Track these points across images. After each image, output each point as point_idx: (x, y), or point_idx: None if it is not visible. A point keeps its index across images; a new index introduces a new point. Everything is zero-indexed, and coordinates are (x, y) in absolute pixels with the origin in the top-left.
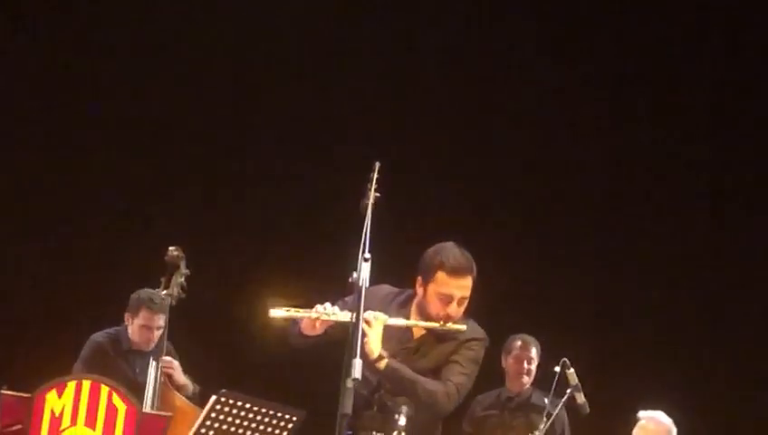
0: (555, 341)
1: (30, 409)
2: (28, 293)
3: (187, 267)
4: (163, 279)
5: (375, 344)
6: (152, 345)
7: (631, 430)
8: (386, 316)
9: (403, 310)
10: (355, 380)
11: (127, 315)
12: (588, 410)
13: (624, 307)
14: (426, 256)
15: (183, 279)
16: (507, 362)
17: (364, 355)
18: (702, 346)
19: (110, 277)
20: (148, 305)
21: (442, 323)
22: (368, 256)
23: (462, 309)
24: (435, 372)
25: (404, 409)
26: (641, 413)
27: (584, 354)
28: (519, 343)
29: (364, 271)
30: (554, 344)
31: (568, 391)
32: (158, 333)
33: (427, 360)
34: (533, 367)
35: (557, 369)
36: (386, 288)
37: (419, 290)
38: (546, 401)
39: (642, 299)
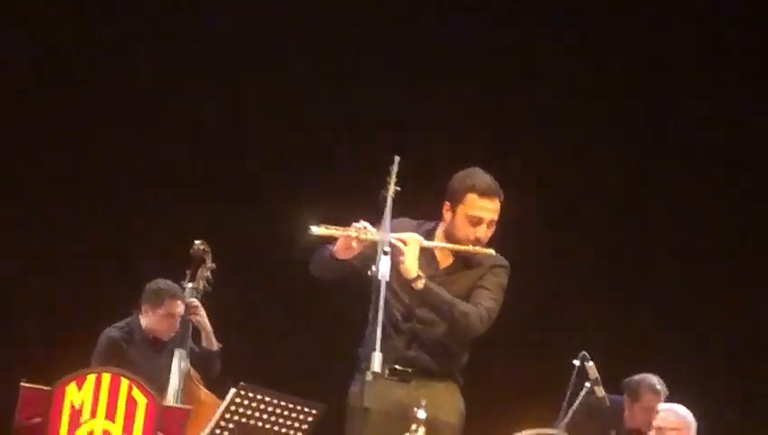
0: (573, 333)
1: (49, 402)
2: (47, 285)
3: (213, 261)
4: (188, 272)
5: (412, 264)
6: (172, 333)
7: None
8: (420, 237)
9: (428, 239)
10: (375, 373)
11: (145, 306)
12: (608, 403)
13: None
14: (454, 180)
15: (209, 273)
16: (634, 407)
17: (400, 276)
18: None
19: (134, 270)
20: (172, 294)
21: (472, 246)
22: (387, 249)
23: (490, 233)
24: (463, 300)
25: (423, 402)
26: (660, 406)
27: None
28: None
29: (384, 265)
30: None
31: (587, 384)
32: (177, 323)
33: (455, 287)
34: None
35: (576, 362)
36: (406, 220)
37: (447, 215)
38: None
39: (661, 292)
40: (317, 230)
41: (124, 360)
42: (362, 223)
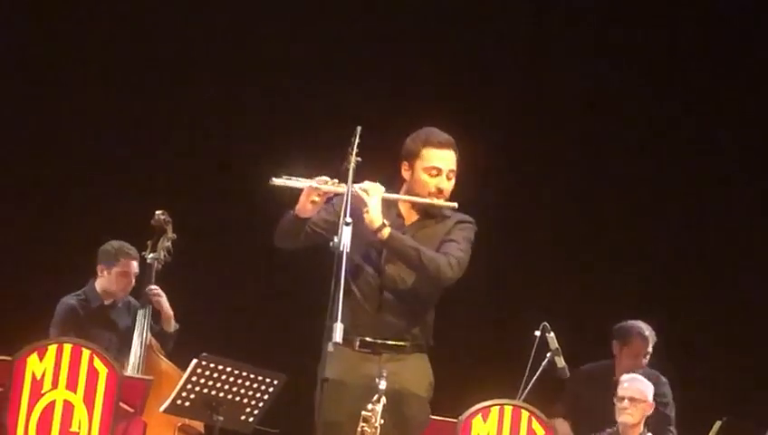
0: (535, 305)
1: (11, 372)
2: (5, 255)
3: (174, 231)
4: (150, 242)
5: (376, 213)
6: (128, 293)
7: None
8: (382, 187)
9: (392, 203)
10: (336, 344)
11: (100, 266)
12: (568, 373)
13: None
14: (408, 139)
15: (170, 243)
16: (622, 352)
17: (365, 227)
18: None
19: (93, 240)
20: (127, 252)
21: (434, 199)
22: (349, 220)
23: (451, 184)
24: None
25: (384, 373)
26: (624, 377)
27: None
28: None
29: (345, 236)
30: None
31: (548, 354)
32: (133, 281)
33: (421, 242)
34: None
35: (537, 333)
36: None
37: (407, 174)
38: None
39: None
40: (278, 181)
41: (81, 328)
42: (325, 177)
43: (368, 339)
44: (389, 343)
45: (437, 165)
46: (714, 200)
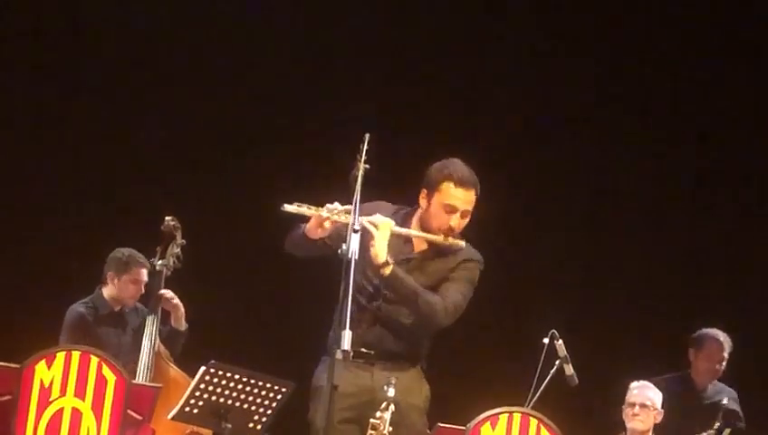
0: (543, 312)
1: (19, 380)
2: (16, 262)
3: (183, 237)
4: (159, 249)
5: (381, 249)
6: (136, 300)
7: (621, 400)
8: (392, 222)
9: (404, 225)
10: (344, 351)
11: (110, 274)
12: (576, 381)
13: (612, 277)
14: (432, 168)
15: (179, 249)
16: (698, 358)
17: (369, 259)
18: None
19: (105, 248)
20: (137, 260)
21: (444, 236)
22: (357, 227)
23: (464, 223)
24: (432, 289)
25: (393, 380)
26: (634, 384)
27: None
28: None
29: (354, 243)
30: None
31: (556, 362)
32: (142, 289)
33: (425, 275)
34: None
35: (546, 341)
36: (383, 204)
37: (423, 202)
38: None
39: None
40: (290, 208)
41: (90, 335)
42: (336, 204)
43: (362, 350)
44: (384, 354)
45: (455, 204)
46: (723, 210)
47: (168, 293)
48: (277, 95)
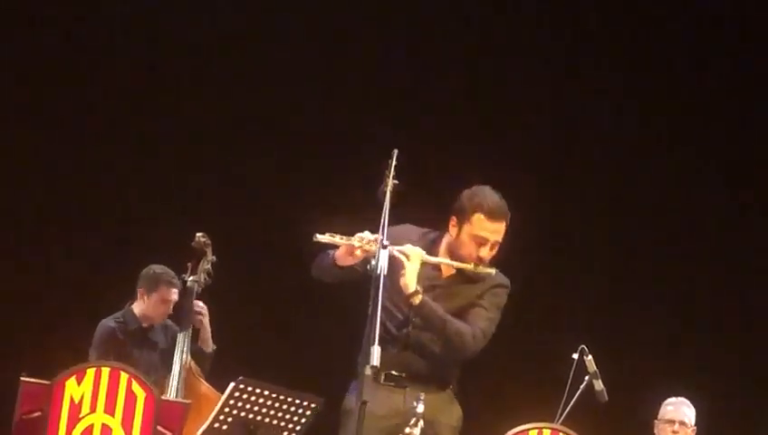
0: (572, 327)
1: (49, 396)
2: (46, 277)
3: (214, 253)
4: (190, 265)
5: (411, 279)
6: (165, 318)
7: (653, 416)
8: (423, 252)
9: (432, 250)
10: (373, 367)
11: (141, 291)
12: (606, 397)
13: (640, 293)
14: (463, 197)
15: (210, 265)
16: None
17: (399, 289)
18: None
19: (134, 262)
20: (168, 280)
21: (474, 265)
22: (386, 243)
23: (493, 253)
24: (459, 314)
25: (422, 396)
26: (670, 400)
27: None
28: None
29: (382, 259)
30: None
31: (586, 377)
32: (170, 309)
33: (453, 301)
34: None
35: (575, 356)
36: (412, 228)
37: (453, 230)
38: None
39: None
40: (321, 238)
41: (120, 351)
42: (366, 233)
43: (393, 373)
44: (414, 378)
45: (485, 235)
46: (759, 222)
47: (199, 305)
48: (307, 116)
